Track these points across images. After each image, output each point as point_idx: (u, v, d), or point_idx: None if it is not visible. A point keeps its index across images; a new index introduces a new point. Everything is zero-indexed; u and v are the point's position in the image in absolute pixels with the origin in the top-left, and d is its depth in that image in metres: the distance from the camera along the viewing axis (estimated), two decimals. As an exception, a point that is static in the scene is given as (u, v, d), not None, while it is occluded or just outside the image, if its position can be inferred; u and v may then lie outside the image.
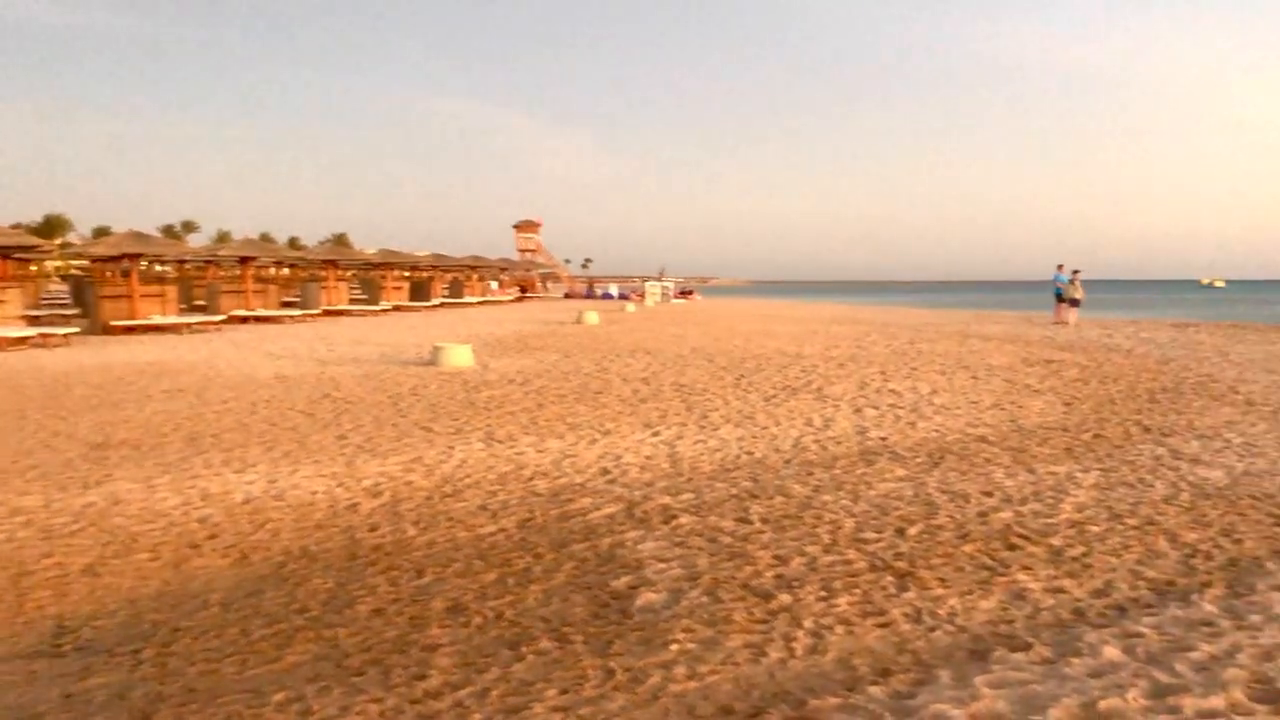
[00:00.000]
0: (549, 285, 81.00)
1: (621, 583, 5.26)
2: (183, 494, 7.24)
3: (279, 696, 3.84)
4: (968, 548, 5.90)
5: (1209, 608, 4.87)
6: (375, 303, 40.22)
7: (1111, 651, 4.26)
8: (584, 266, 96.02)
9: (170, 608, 4.91)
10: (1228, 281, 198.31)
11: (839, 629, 4.55)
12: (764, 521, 6.50)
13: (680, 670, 4.07)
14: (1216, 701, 3.75)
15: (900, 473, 8.06)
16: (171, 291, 29.49)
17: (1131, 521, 6.53)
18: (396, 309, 41.13)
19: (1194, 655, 4.22)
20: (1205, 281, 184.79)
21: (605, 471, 8.11)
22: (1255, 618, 4.71)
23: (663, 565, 5.56)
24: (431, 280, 48.54)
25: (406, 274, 49.71)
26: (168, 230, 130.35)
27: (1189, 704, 3.72)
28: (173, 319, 26.82)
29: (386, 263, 44.42)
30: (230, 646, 4.39)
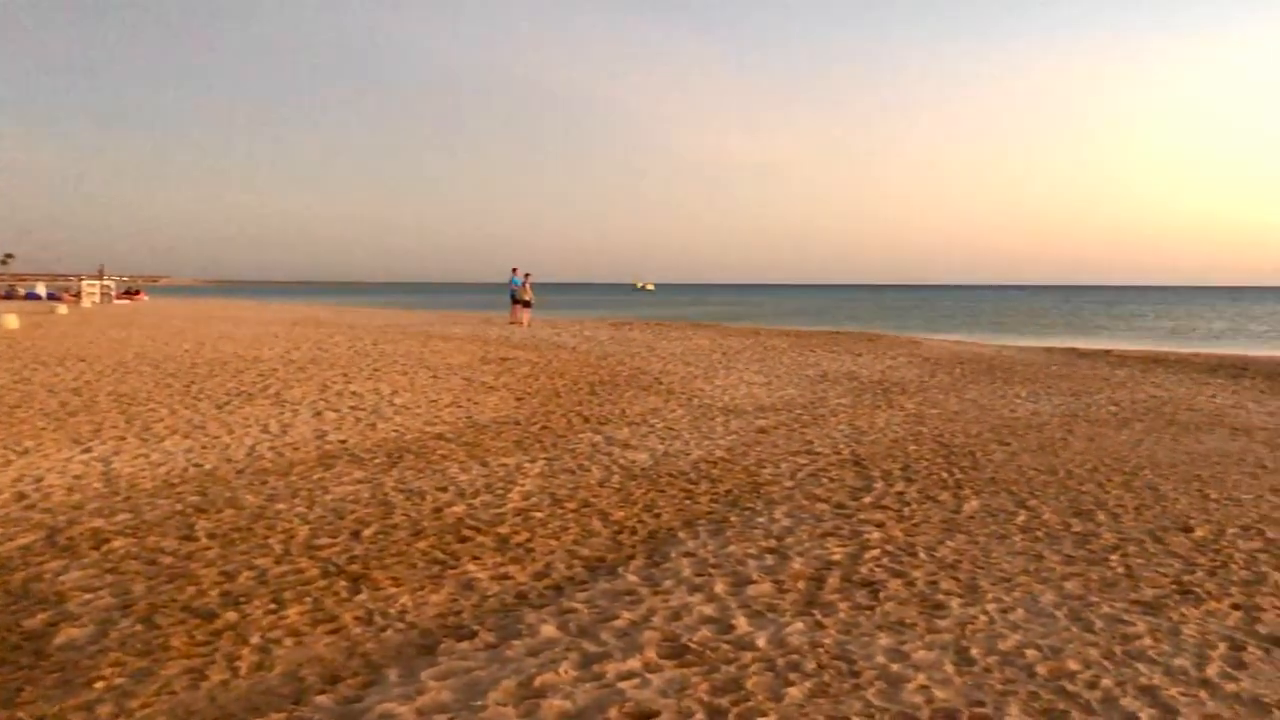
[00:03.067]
0: None
1: (37, 620, 4.66)
2: None
3: None
4: (422, 544, 6.04)
5: (632, 578, 5.45)
6: None
7: (549, 629, 4.61)
8: (3, 263, 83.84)
9: None
10: (657, 285, 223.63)
11: (288, 641, 4.42)
12: (211, 537, 6.12)
13: (106, 709, 3.70)
14: (634, 663, 4.21)
15: (358, 475, 8.03)
16: None
17: (571, 505, 7.11)
18: None
19: (617, 624, 4.70)
20: (639, 285, 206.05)
21: (22, 496, 7.13)
22: (668, 583, 5.36)
23: (89, 595, 5.01)
24: None
25: None
26: None
27: (611, 669, 4.14)
28: None
29: None
30: None
